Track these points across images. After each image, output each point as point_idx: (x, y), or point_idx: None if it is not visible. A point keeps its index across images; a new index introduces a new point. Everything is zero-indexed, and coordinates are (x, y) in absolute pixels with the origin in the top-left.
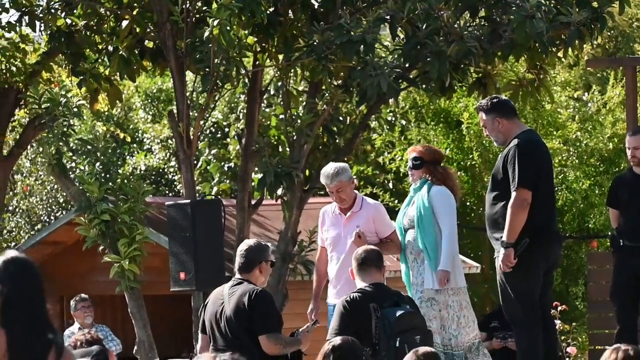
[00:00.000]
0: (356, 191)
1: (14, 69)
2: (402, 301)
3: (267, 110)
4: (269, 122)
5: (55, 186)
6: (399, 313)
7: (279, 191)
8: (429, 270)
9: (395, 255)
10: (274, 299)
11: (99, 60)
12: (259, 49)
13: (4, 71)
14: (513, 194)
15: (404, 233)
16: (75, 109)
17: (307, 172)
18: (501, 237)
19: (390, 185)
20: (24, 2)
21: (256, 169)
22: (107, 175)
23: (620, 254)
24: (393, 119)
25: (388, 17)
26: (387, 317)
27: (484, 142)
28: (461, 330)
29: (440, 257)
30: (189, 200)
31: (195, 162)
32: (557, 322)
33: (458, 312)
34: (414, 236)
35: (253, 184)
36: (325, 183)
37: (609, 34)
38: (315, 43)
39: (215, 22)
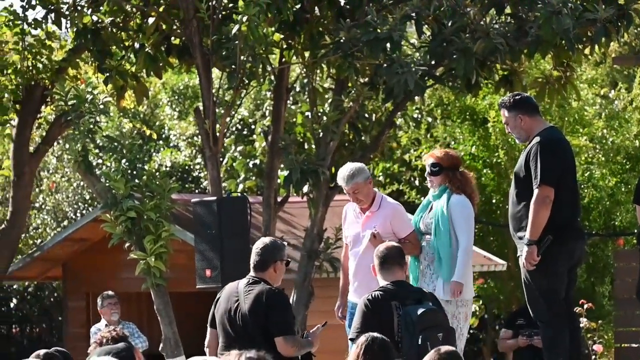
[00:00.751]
0: (376, 189)
1: (40, 65)
2: (424, 298)
3: (293, 107)
4: (295, 120)
5: (82, 183)
6: (421, 310)
7: (305, 188)
8: (442, 279)
9: None
10: (289, 300)
11: (125, 57)
12: (285, 46)
13: (31, 68)
14: (535, 191)
15: (419, 237)
16: (102, 106)
17: (333, 169)
18: (524, 235)
19: (417, 182)
20: None
21: (282, 166)
22: (133, 172)
23: None
24: (419, 116)
25: (414, 14)
26: (410, 314)
27: (510, 139)
28: (460, 341)
29: (454, 268)
30: (215, 198)
31: (221, 159)
32: (583, 319)
33: (462, 324)
34: (430, 243)
35: (279, 181)
36: (342, 184)
37: (635, 31)
38: (341, 40)
39: (245, 19)
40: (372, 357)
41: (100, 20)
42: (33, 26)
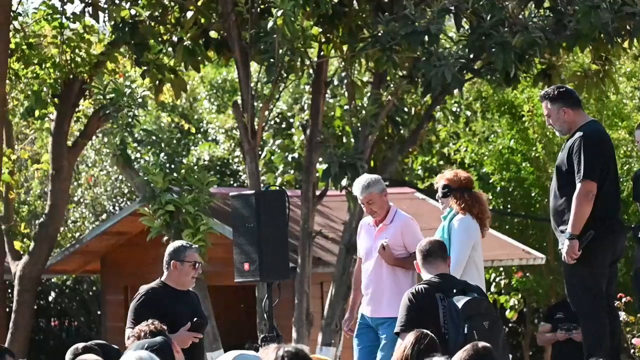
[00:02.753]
0: (391, 203)
1: (78, 59)
2: (469, 290)
3: (332, 101)
4: (333, 113)
5: (120, 177)
6: (465, 299)
7: (344, 182)
8: None
9: None
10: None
11: (163, 50)
12: (323, 40)
13: (69, 62)
14: (578, 186)
15: None
16: (140, 100)
17: (371, 162)
18: (566, 229)
19: None
20: None
21: (321, 159)
22: (172, 166)
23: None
24: (458, 110)
25: (453, 7)
26: (454, 304)
27: (548, 133)
28: None
29: None
30: (253, 191)
31: (259, 152)
32: (622, 313)
33: None
34: None
35: (317, 174)
36: (357, 194)
37: None
38: (379, 34)
39: (279, 13)
40: (420, 355)
41: (138, 14)
42: (71, 20)
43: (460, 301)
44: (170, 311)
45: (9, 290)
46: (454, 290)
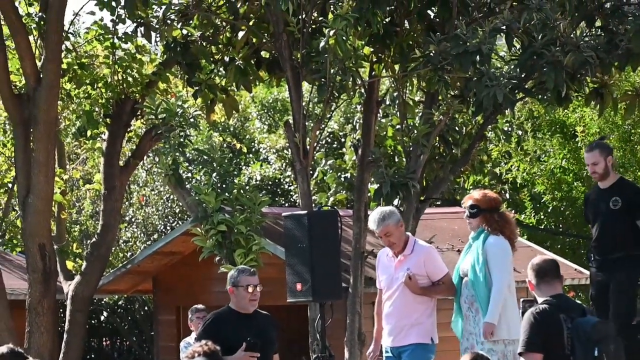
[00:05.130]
0: (409, 233)
1: (130, 79)
2: (587, 312)
3: (384, 120)
4: (385, 133)
5: (172, 196)
6: (594, 322)
7: (396, 202)
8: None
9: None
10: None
11: (215, 70)
12: (375, 59)
13: (121, 82)
14: None
15: (460, 278)
16: (192, 120)
17: (423, 182)
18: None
19: (507, 195)
20: (139, 13)
21: (372, 179)
22: (224, 186)
23: (592, 268)
24: (509, 129)
25: (504, 27)
26: (582, 326)
27: None
28: None
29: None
30: (305, 212)
31: (311, 172)
32: None
33: None
34: (468, 285)
35: (369, 194)
36: (372, 228)
37: None
38: (431, 53)
39: (331, 32)
40: None
41: (189, 34)
42: (123, 40)
43: (589, 323)
44: (232, 334)
45: (61, 310)
46: (576, 312)
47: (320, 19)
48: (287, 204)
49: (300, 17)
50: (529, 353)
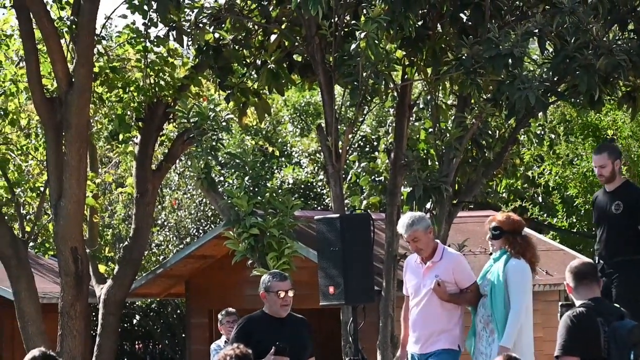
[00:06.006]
0: (438, 241)
1: (162, 83)
2: (625, 315)
3: (416, 124)
4: (418, 136)
5: (204, 200)
6: (630, 325)
7: (428, 205)
8: (497, 343)
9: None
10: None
11: (247, 74)
12: (407, 63)
13: (153, 85)
14: None
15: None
16: (224, 123)
17: (456, 186)
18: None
19: (540, 199)
20: (172, 16)
21: (405, 182)
22: (256, 189)
23: None
24: (542, 133)
25: (537, 30)
26: (619, 330)
27: (632, 156)
28: None
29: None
30: (338, 215)
31: (343, 175)
32: None
33: None
34: (485, 305)
35: (402, 197)
36: (401, 232)
37: None
38: (463, 57)
39: (363, 35)
40: None
41: (221, 38)
42: (155, 44)
43: (625, 327)
44: (265, 338)
45: (94, 314)
46: (614, 316)
47: (352, 22)
48: (319, 208)
49: (332, 20)
50: (566, 356)
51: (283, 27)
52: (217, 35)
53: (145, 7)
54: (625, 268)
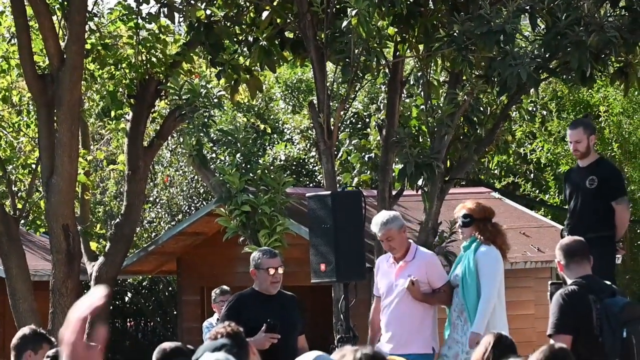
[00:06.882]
0: (411, 241)
1: (154, 60)
2: (617, 292)
3: (408, 100)
4: (409, 113)
5: (196, 177)
6: (622, 303)
7: (420, 182)
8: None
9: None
10: None
11: (239, 51)
12: (399, 40)
13: (145, 62)
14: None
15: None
16: (216, 100)
17: (447, 162)
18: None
19: (532, 175)
20: None
21: (397, 159)
22: (248, 166)
23: None
24: (534, 109)
25: (528, 7)
26: (611, 307)
27: (624, 132)
28: None
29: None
30: (329, 192)
31: (335, 152)
32: None
33: None
34: (458, 294)
35: (394, 174)
36: (375, 231)
37: None
38: (455, 33)
39: (354, 12)
40: (499, 357)
41: (213, 14)
42: (147, 20)
43: (617, 304)
44: (255, 316)
45: (85, 291)
46: (605, 293)
47: None
48: (311, 185)
49: None
50: (559, 335)
51: (275, 3)
52: (208, 12)
53: None
54: (597, 245)
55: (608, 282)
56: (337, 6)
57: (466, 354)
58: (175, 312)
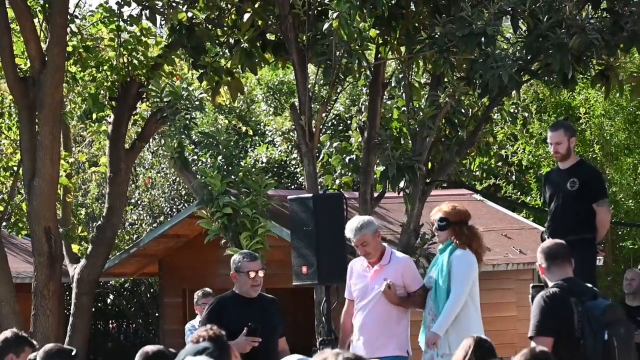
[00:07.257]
0: (386, 244)
1: (135, 62)
2: (598, 295)
3: (389, 102)
4: (391, 115)
5: (177, 179)
6: (603, 305)
7: (402, 184)
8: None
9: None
10: None
11: (220, 53)
12: (380, 42)
13: (126, 64)
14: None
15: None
16: (197, 102)
17: (429, 164)
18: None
19: (513, 177)
20: None
21: (378, 161)
22: (229, 169)
23: None
24: (515, 111)
25: (510, 9)
26: (592, 310)
27: (605, 134)
28: None
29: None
30: (311, 195)
31: (317, 154)
32: None
33: None
34: (432, 297)
35: (375, 176)
36: (349, 236)
37: None
38: (437, 35)
39: (335, 15)
40: (480, 357)
41: (195, 17)
42: (128, 23)
43: (599, 307)
44: (235, 319)
45: (67, 293)
46: (587, 295)
47: (325, 1)
48: (293, 187)
49: None
50: (540, 337)
51: (256, 5)
52: (190, 14)
53: None
54: (578, 247)
55: (589, 285)
56: (319, 8)
57: (440, 357)
58: (157, 314)
